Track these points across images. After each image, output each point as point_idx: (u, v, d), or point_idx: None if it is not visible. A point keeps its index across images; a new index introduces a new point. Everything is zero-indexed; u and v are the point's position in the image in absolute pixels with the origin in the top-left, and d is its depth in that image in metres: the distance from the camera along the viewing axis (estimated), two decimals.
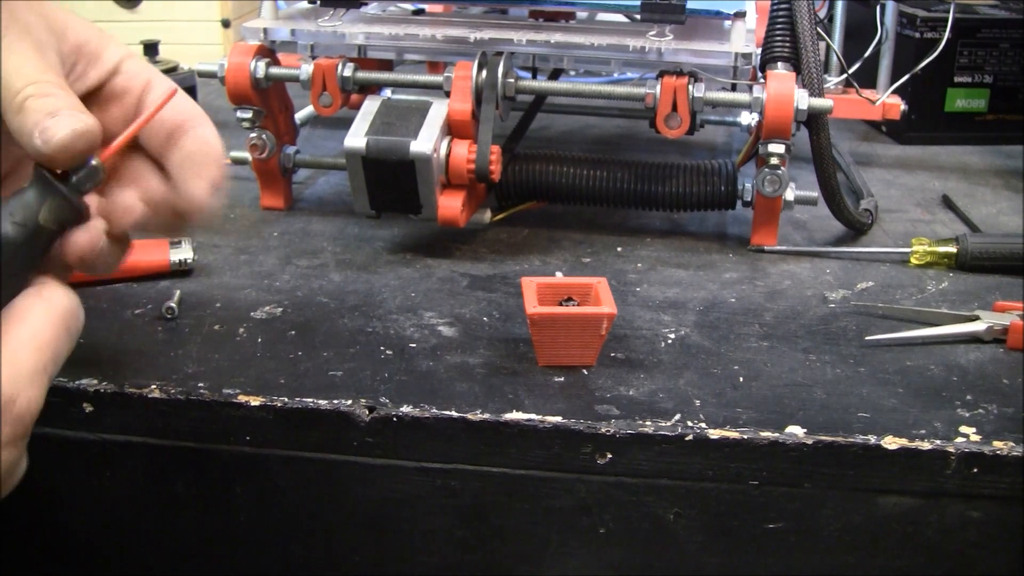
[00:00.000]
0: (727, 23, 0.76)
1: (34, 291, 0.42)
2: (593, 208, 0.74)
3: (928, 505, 0.51)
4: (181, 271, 0.66)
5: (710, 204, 0.72)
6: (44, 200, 0.43)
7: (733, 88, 0.70)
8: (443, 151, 0.67)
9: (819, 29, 0.72)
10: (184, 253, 0.66)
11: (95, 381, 0.53)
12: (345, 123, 0.68)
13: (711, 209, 0.72)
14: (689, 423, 0.51)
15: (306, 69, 0.72)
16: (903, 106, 0.90)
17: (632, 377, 0.55)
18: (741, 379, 0.55)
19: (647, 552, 0.53)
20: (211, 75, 0.73)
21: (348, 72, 0.72)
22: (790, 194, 0.70)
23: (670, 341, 0.59)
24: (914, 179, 0.89)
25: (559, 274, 0.60)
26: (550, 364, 0.55)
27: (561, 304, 0.56)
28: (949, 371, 0.56)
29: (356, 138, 0.66)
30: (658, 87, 0.68)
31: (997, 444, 0.49)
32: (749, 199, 0.71)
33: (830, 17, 0.91)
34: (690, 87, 0.68)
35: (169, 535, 0.57)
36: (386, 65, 0.80)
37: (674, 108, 0.68)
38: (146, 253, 0.66)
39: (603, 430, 0.50)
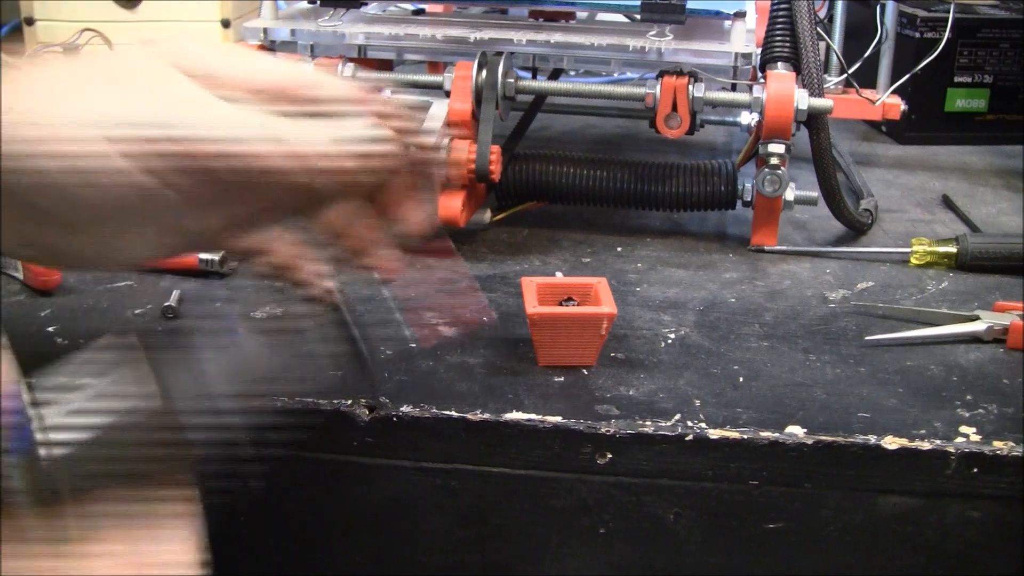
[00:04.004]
0: (727, 23, 0.76)
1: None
2: (593, 208, 0.74)
3: (928, 505, 0.51)
4: (208, 272, 0.65)
5: (710, 204, 0.72)
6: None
7: (733, 88, 0.70)
8: (443, 151, 0.67)
9: (819, 29, 0.72)
10: (214, 253, 0.64)
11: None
12: None
13: (711, 209, 0.72)
14: (689, 423, 0.51)
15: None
16: (903, 106, 0.90)
17: (632, 377, 0.55)
18: (741, 379, 0.55)
19: (647, 552, 0.53)
20: None
21: (348, 72, 0.72)
22: (790, 194, 0.70)
23: (670, 341, 0.59)
24: (914, 179, 0.89)
25: (559, 274, 0.60)
26: (550, 364, 0.55)
27: (561, 304, 0.56)
28: (949, 371, 0.56)
29: None
30: (658, 87, 0.68)
31: (997, 444, 0.49)
32: (749, 199, 0.71)
33: (830, 17, 0.91)
34: (690, 87, 0.68)
35: None
36: (386, 65, 0.80)
37: (674, 108, 0.68)
38: None
39: (603, 430, 0.50)
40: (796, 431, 0.50)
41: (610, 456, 0.51)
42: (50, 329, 0.58)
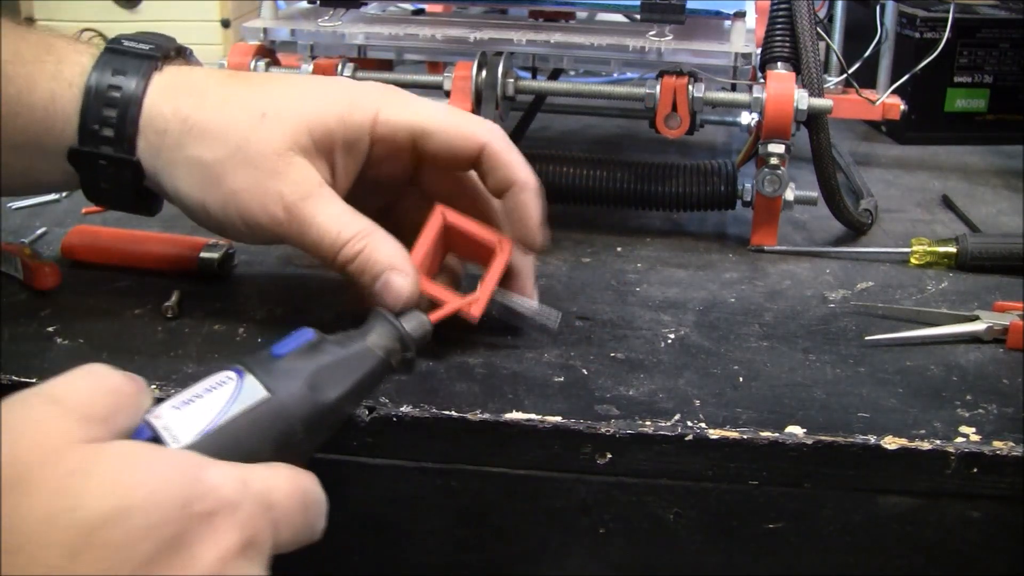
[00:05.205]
0: (727, 23, 0.76)
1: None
2: (593, 208, 0.74)
3: (928, 505, 0.51)
4: (208, 273, 0.64)
5: (710, 204, 0.72)
6: (380, 334, 0.47)
7: (733, 88, 0.70)
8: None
9: (819, 29, 0.72)
10: (213, 253, 0.64)
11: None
12: None
13: (711, 209, 0.72)
14: (689, 423, 0.51)
15: (306, 69, 0.72)
16: (903, 106, 0.90)
17: (632, 377, 0.55)
18: (741, 379, 0.55)
19: (647, 552, 0.53)
20: None
21: (348, 72, 0.72)
22: (790, 194, 0.70)
23: (670, 341, 0.59)
24: (914, 179, 0.89)
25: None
26: None
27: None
28: (949, 371, 0.56)
29: None
30: (658, 87, 0.68)
31: (997, 444, 0.49)
32: (749, 199, 0.71)
33: (830, 17, 0.91)
34: (690, 87, 0.68)
35: None
36: (386, 65, 0.80)
37: (674, 108, 0.68)
38: (176, 247, 0.65)
39: (603, 430, 0.50)
40: (796, 431, 0.50)
41: (610, 456, 0.51)
42: (50, 329, 0.58)
